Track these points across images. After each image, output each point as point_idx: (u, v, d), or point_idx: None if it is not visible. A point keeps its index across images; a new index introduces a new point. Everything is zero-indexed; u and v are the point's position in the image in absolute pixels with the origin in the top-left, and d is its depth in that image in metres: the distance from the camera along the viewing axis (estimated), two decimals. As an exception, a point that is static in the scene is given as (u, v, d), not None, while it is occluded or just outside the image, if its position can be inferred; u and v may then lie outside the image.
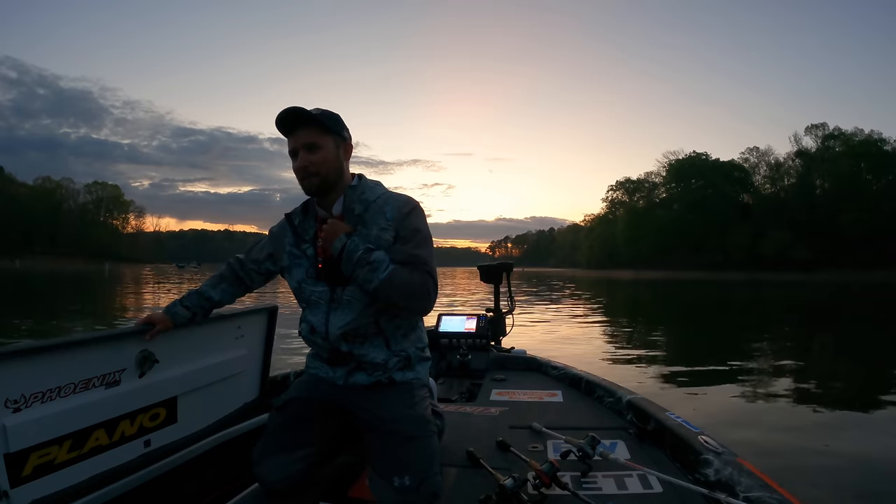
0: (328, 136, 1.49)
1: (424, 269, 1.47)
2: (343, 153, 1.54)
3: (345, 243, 1.45)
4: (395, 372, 1.56)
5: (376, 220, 1.50)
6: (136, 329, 1.57)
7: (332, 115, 1.53)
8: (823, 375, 5.87)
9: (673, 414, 1.86)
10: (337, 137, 1.52)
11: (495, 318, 3.38)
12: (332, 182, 1.51)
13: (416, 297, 1.45)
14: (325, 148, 1.48)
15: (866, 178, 68.12)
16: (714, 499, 1.29)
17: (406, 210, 1.52)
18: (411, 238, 1.49)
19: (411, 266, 1.46)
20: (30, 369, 1.30)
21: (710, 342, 8.84)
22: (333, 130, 1.51)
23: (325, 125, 1.48)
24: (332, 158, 1.50)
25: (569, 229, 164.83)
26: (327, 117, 1.50)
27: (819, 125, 76.90)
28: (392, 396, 1.54)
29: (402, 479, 1.41)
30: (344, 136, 1.54)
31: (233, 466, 1.78)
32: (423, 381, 1.64)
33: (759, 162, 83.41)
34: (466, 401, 2.49)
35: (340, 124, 1.54)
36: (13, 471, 1.27)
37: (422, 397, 1.59)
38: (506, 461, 1.66)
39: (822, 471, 2.86)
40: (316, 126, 1.48)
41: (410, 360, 1.59)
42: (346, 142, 1.55)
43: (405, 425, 1.49)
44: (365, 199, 1.53)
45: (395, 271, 1.43)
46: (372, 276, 1.43)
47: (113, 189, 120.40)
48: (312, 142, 1.47)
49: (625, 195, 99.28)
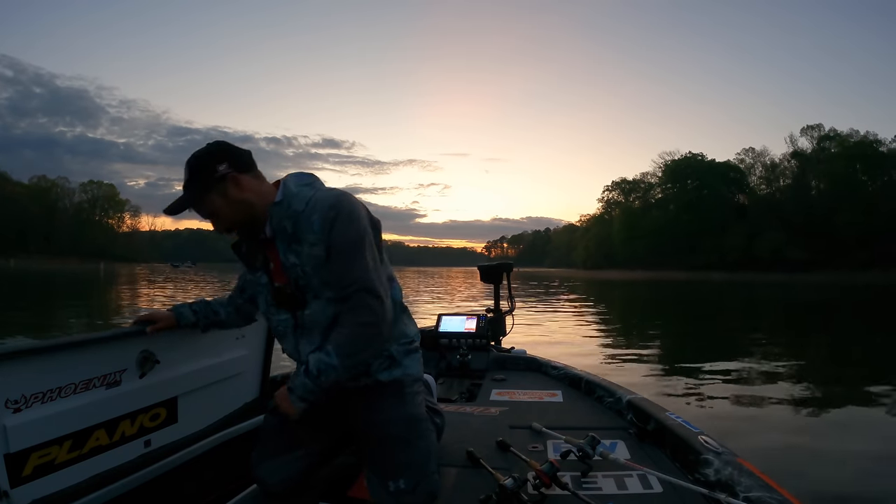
0: (210, 195, 1.37)
1: (359, 293, 1.35)
2: (234, 189, 1.37)
3: (298, 396, 1.36)
4: (379, 373, 1.50)
5: (306, 236, 1.38)
6: (137, 329, 1.57)
7: (195, 168, 1.38)
8: (820, 375, 5.91)
9: (673, 414, 1.87)
10: (216, 186, 1.36)
11: (495, 318, 3.38)
12: (247, 220, 1.42)
13: (369, 339, 1.36)
14: (215, 207, 1.38)
15: (862, 179, 68.29)
16: (714, 499, 1.29)
17: (331, 217, 1.35)
18: (341, 252, 1.36)
19: (349, 301, 1.36)
20: (30, 369, 1.30)
21: (709, 342, 8.87)
22: (207, 188, 1.36)
23: (197, 195, 1.37)
24: (226, 208, 1.38)
25: (565, 229, 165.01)
26: (193, 180, 1.37)
27: (815, 126, 77.11)
28: (381, 398, 1.50)
29: (398, 482, 1.40)
30: (219, 175, 1.36)
31: (233, 466, 1.78)
32: (414, 375, 1.57)
33: (754, 163, 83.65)
34: (466, 401, 2.49)
35: (208, 169, 1.36)
36: (13, 471, 1.26)
37: (413, 394, 1.55)
38: (506, 461, 1.66)
39: (822, 470, 2.87)
40: (195, 203, 1.39)
41: (394, 358, 1.52)
42: (227, 176, 1.37)
43: (397, 427, 1.46)
44: (293, 211, 1.39)
45: (339, 347, 1.33)
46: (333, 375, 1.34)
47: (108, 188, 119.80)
48: (204, 214, 1.40)
49: (620, 195, 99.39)
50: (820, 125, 76.78)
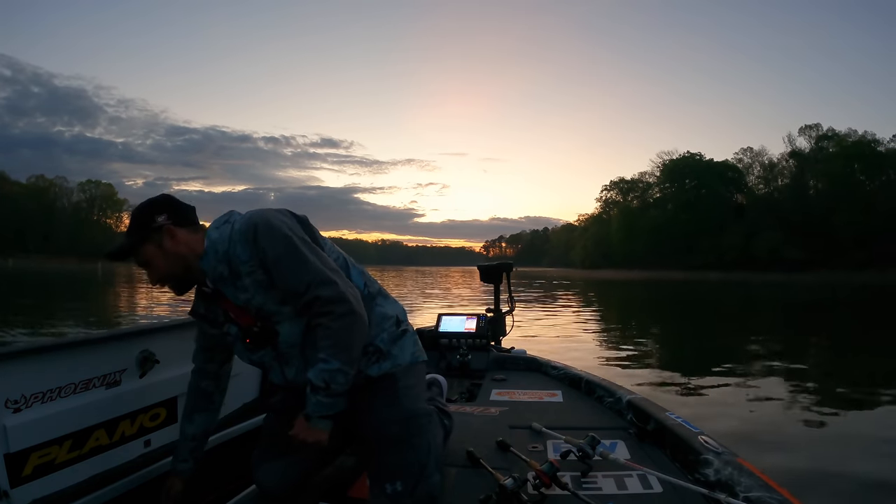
0: (146, 245, 1.36)
1: (316, 290, 1.30)
2: (169, 241, 1.37)
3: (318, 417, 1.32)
4: (368, 369, 1.44)
5: (241, 268, 1.35)
6: (137, 329, 1.57)
7: (135, 218, 1.39)
8: (819, 375, 5.91)
9: (673, 414, 1.87)
10: (153, 237, 1.36)
11: (495, 318, 3.38)
12: (181, 274, 1.40)
13: (353, 326, 1.31)
14: (149, 256, 1.37)
15: (860, 178, 68.26)
16: (714, 499, 1.30)
17: (251, 237, 1.32)
18: (277, 262, 1.31)
19: (313, 306, 1.31)
20: (30, 369, 1.30)
21: (707, 342, 8.89)
22: (144, 238, 1.37)
23: (134, 243, 1.37)
24: (159, 259, 1.37)
25: (563, 229, 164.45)
26: (132, 229, 1.38)
27: (813, 126, 77.09)
28: (373, 397, 1.45)
29: (394, 484, 1.38)
30: (156, 226, 1.37)
31: (233, 467, 1.78)
32: (403, 362, 1.49)
33: (752, 162, 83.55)
34: (466, 401, 2.49)
35: (145, 222, 1.37)
36: (13, 471, 1.26)
37: (407, 387, 1.48)
38: (506, 461, 1.67)
39: (822, 470, 2.88)
40: (132, 250, 1.38)
41: (381, 350, 1.46)
42: (164, 227, 1.37)
43: (392, 427, 1.42)
44: (221, 254, 1.37)
45: (332, 349, 1.29)
46: (341, 378, 1.30)
47: (107, 188, 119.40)
48: (140, 262, 1.38)
49: (619, 195, 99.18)
50: (818, 125, 76.78)
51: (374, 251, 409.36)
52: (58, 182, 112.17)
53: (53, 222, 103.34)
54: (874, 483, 2.74)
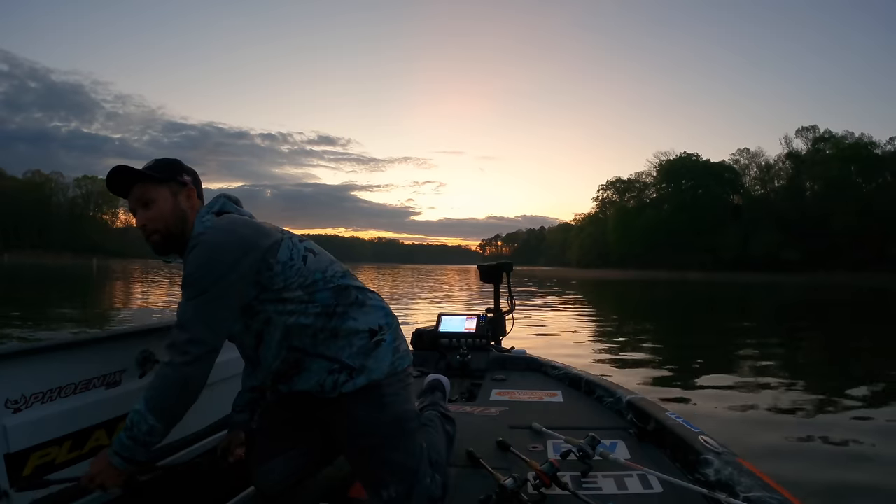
0: (162, 187, 1.37)
1: (173, 330, 1.27)
2: (185, 199, 1.39)
3: (114, 450, 1.24)
4: (343, 387, 1.38)
5: None
6: (137, 329, 1.56)
7: (164, 163, 1.42)
8: (818, 375, 5.93)
9: (673, 414, 1.87)
10: (173, 185, 1.38)
11: (495, 318, 3.38)
12: (176, 234, 1.38)
13: (174, 385, 1.25)
14: (159, 200, 1.36)
15: (856, 180, 68.59)
16: (714, 499, 1.30)
17: (189, 249, 1.32)
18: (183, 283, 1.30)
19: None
20: (30, 369, 1.29)
21: (705, 342, 8.89)
22: (167, 180, 1.38)
23: (155, 178, 1.37)
24: (168, 210, 1.37)
25: (559, 228, 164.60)
26: (157, 168, 1.39)
27: (809, 127, 77.43)
28: (354, 407, 1.39)
29: (389, 490, 1.36)
30: (182, 180, 1.40)
31: (233, 467, 1.77)
32: (379, 375, 1.40)
33: (749, 163, 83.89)
34: (466, 401, 2.49)
35: (175, 170, 1.40)
36: (13, 471, 1.25)
37: (392, 395, 1.42)
38: (506, 461, 1.67)
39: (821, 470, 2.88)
40: (147, 181, 1.37)
41: (351, 367, 1.38)
42: (187, 187, 1.41)
43: (377, 435, 1.39)
44: (189, 241, 1.36)
45: (147, 392, 1.24)
46: (144, 428, 1.22)
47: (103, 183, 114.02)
48: (145, 198, 1.36)
49: (615, 195, 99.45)
50: (815, 126, 77.22)
51: (370, 249, 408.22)
52: (54, 177, 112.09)
53: (49, 218, 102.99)
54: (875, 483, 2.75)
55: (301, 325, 1.35)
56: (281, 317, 1.34)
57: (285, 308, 1.34)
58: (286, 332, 1.35)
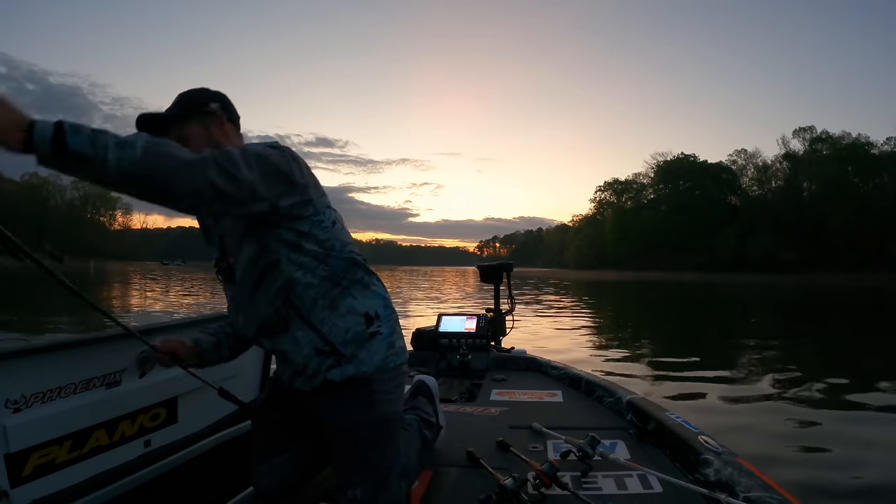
0: (190, 122, 1.34)
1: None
2: (217, 129, 1.36)
3: (44, 125, 0.95)
4: (327, 373, 1.31)
5: None
6: (137, 329, 1.56)
7: (188, 96, 1.37)
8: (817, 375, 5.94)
9: (673, 414, 1.88)
10: (201, 117, 1.35)
11: (495, 318, 3.39)
12: None
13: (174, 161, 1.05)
14: (189, 133, 1.32)
15: (853, 181, 68.66)
16: (714, 499, 1.31)
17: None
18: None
19: None
20: (30, 369, 1.29)
21: (704, 342, 8.92)
22: (193, 113, 1.34)
23: (181, 115, 1.34)
24: (199, 139, 1.32)
25: (557, 229, 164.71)
26: (181, 104, 1.35)
27: (807, 128, 77.36)
28: (338, 401, 1.35)
29: (354, 490, 1.33)
30: (209, 109, 1.36)
31: (232, 467, 1.77)
32: (368, 369, 1.33)
33: (746, 164, 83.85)
34: (466, 401, 2.50)
35: (199, 100, 1.36)
36: (13, 471, 1.25)
37: (382, 392, 1.37)
38: (506, 461, 1.67)
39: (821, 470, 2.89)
40: (174, 121, 1.33)
41: (340, 352, 1.30)
42: (216, 114, 1.36)
43: (358, 433, 1.36)
44: None
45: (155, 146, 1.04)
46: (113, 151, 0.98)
47: None
48: (181, 139, 1.27)
49: (613, 196, 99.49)
50: (812, 127, 77.18)
51: (368, 251, 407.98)
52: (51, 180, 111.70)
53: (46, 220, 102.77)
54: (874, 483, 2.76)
55: (305, 284, 1.29)
56: (290, 266, 1.28)
57: (298, 258, 1.28)
58: (288, 283, 1.28)
